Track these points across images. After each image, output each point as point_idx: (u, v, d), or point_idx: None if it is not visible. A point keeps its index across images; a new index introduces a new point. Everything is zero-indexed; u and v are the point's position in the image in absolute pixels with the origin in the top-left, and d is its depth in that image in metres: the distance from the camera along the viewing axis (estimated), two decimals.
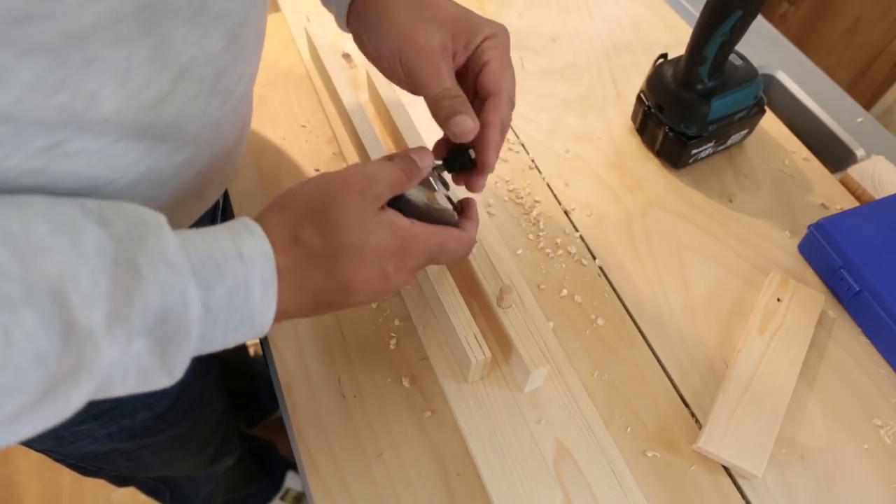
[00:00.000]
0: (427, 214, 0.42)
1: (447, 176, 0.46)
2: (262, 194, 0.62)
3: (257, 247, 0.33)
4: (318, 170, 0.64)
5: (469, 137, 0.42)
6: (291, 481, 1.19)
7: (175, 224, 0.46)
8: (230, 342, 0.34)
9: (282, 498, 1.18)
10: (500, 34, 0.44)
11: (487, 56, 0.43)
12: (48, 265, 0.26)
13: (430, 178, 0.44)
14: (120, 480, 0.79)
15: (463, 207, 0.46)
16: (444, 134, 0.44)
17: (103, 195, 0.35)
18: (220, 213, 0.62)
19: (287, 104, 0.70)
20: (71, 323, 0.26)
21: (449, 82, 0.42)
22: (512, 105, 0.45)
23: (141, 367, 0.30)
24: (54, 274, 0.26)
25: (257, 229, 0.34)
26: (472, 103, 0.44)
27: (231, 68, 0.38)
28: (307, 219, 0.36)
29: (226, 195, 0.63)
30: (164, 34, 0.32)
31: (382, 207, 0.38)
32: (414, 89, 0.45)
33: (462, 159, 0.44)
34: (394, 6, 0.44)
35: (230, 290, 0.32)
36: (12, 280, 0.25)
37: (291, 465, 1.20)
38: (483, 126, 0.43)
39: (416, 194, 0.42)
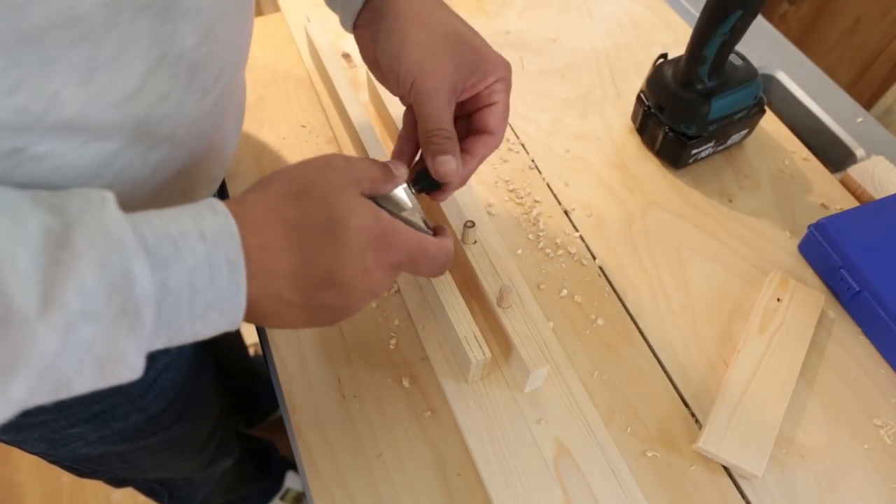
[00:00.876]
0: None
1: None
2: None
3: (220, 225, 0.31)
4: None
5: (449, 179, 0.43)
6: (291, 481, 1.19)
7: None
8: (200, 332, 0.31)
9: (282, 498, 1.18)
10: (508, 76, 0.45)
11: (495, 98, 0.44)
12: None
13: (404, 195, 0.43)
14: (116, 482, 0.79)
15: (435, 231, 0.44)
16: (421, 157, 0.44)
17: None
18: None
19: (287, 104, 0.70)
20: (7, 308, 0.25)
21: (446, 123, 0.42)
22: (503, 135, 0.46)
23: (95, 356, 0.28)
24: None
25: (221, 207, 0.32)
26: (460, 130, 0.45)
27: (206, 64, 0.37)
28: (286, 195, 0.34)
29: (224, 195, 0.63)
30: (130, 31, 0.31)
31: (363, 195, 0.37)
32: (410, 109, 0.45)
33: (431, 181, 0.44)
34: (410, 25, 0.42)
35: (191, 270, 0.29)
36: None
37: (291, 465, 1.20)
38: (466, 155, 0.44)
39: (391, 205, 0.41)
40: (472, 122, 0.46)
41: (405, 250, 0.38)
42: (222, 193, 0.64)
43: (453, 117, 0.43)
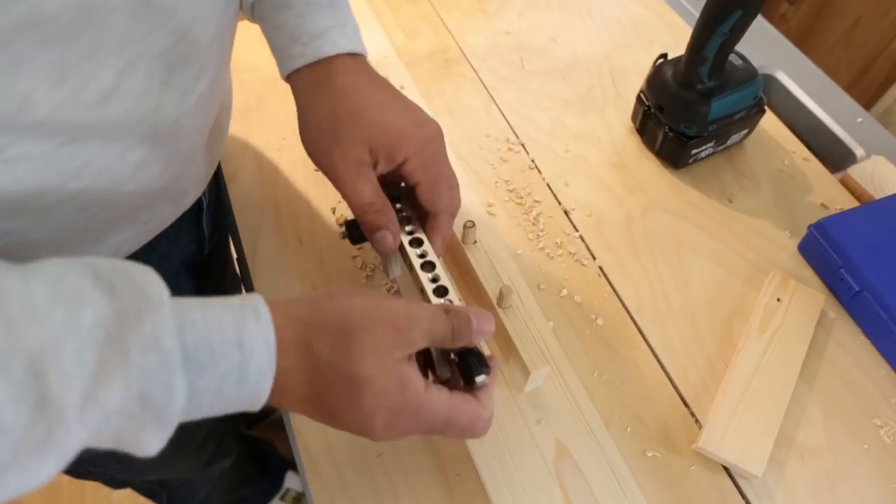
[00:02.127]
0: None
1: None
2: (261, 194, 0.62)
3: (259, 333, 0.31)
4: (317, 170, 0.64)
5: (390, 253, 0.43)
6: (291, 481, 1.19)
7: (150, 226, 0.45)
8: (215, 415, 0.32)
9: (281, 498, 1.18)
10: (422, 151, 0.43)
11: (415, 178, 0.43)
12: (33, 336, 0.24)
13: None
14: (114, 483, 0.79)
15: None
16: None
17: (53, 200, 0.34)
18: (206, 212, 0.62)
19: (287, 105, 0.69)
20: (45, 397, 0.24)
21: (367, 197, 0.42)
22: (455, 212, 0.45)
23: (117, 439, 0.28)
24: (37, 345, 0.24)
25: (265, 314, 0.31)
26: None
27: (185, 65, 0.36)
28: (330, 332, 0.33)
29: (225, 195, 0.63)
30: (103, 32, 0.30)
31: (410, 357, 0.35)
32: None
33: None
34: (320, 103, 0.43)
35: (221, 377, 0.30)
36: None
37: (291, 465, 1.20)
38: (431, 235, 0.45)
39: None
40: (419, 203, 0.45)
41: (424, 425, 0.35)
42: (219, 194, 0.65)
43: (383, 188, 0.43)
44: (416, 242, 0.44)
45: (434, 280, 0.42)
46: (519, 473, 0.46)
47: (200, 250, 0.64)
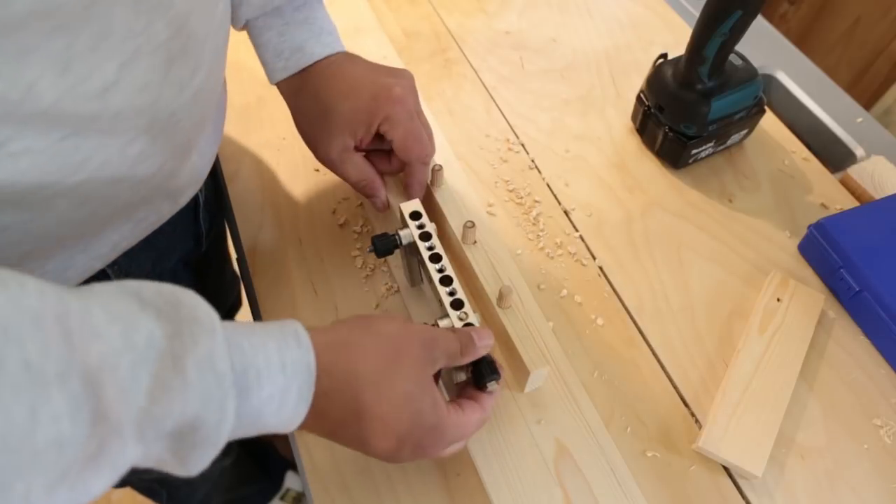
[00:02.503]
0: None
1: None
2: (261, 194, 0.62)
3: (301, 358, 0.33)
4: (317, 170, 0.64)
5: (384, 208, 0.54)
6: (291, 481, 1.19)
7: (147, 222, 0.46)
8: (242, 437, 0.33)
9: (281, 498, 1.18)
10: (390, 115, 0.49)
11: (389, 136, 0.51)
12: (92, 351, 0.25)
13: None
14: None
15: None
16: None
17: (54, 193, 0.34)
18: (202, 209, 0.62)
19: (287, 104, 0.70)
20: (101, 412, 0.25)
21: (355, 176, 0.52)
22: (426, 160, 0.52)
23: (162, 459, 0.29)
24: (95, 360, 0.25)
25: (306, 340, 0.33)
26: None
27: (182, 58, 0.37)
28: (373, 357, 0.36)
29: (225, 194, 0.63)
30: (106, 22, 0.31)
31: (434, 376, 0.39)
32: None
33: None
34: (300, 109, 0.53)
35: (265, 400, 0.31)
36: (52, 360, 0.24)
37: (291, 465, 1.20)
38: (405, 186, 0.54)
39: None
40: (396, 156, 0.53)
41: (446, 444, 0.39)
42: (217, 192, 0.65)
43: (371, 153, 0.53)
44: (436, 258, 0.47)
45: (451, 294, 0.46)
46: (519, 473, 0.46)
47: (198, 247, 0.64)
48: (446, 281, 0.46)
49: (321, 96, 0.50)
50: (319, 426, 0.36)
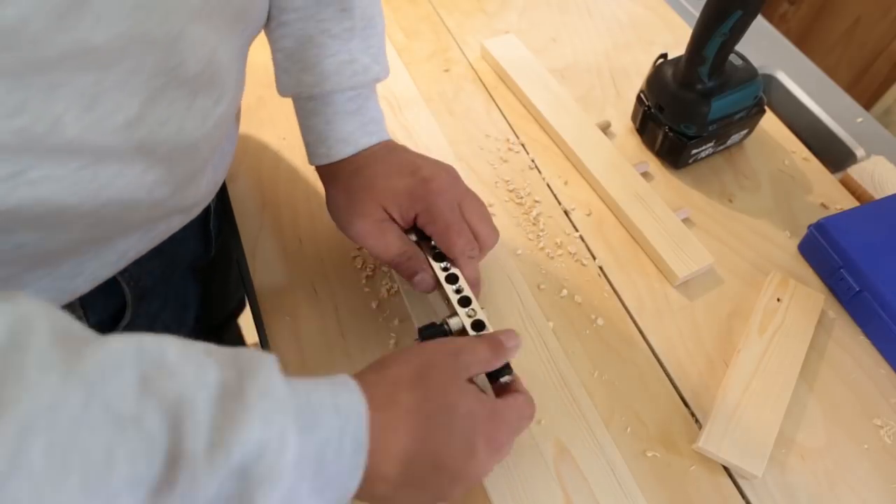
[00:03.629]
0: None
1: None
2: (262, 194, 0.62)
3: (353, 401, 0.32)
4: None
5: (431, 289, 0.47)
6: None
7: (158, 233, 0.46)
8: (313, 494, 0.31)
9: None
10: (430, 206, 0.47)
11: (429, 230, 0.47)
12: (171, 388, 0.26)
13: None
14: None
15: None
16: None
17: (73, 217, 0.34)
18: (213, 215, 0.62)
19: (287, 104, 0.69)
20: (177, 450, 0.25)
21: (396, 248, 0.47)
22: (471, 253, 0.47)
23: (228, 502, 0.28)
24: (175, 397, 0.26)
25: (354, 385, 0.33)
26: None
27: (207, 90, 0.38)
28: (406, 379, 0.36)
29: (225, 195, 0.63)
30: (138, 61, 0.31)
31: (470, 380, 0.39)
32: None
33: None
34: (336, 187, 0.49)
35: (323, 442, 0.30)
36: (128, 401, 0.25)
37: None
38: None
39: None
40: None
41: (512, 424, 0.39)
42: (224, 196, 0.65)
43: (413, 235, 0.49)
44: (452, 279, 0.47)
45: (458, 291, 0.46)
46: (519, 473, 0.46)
47: (207, 253, 0.64)
48: (452, 279, 0.46)
49: (362, 172, 0.48)
50: (386, 479, 0.34)
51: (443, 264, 0.47)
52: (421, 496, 0.37)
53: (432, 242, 0.48)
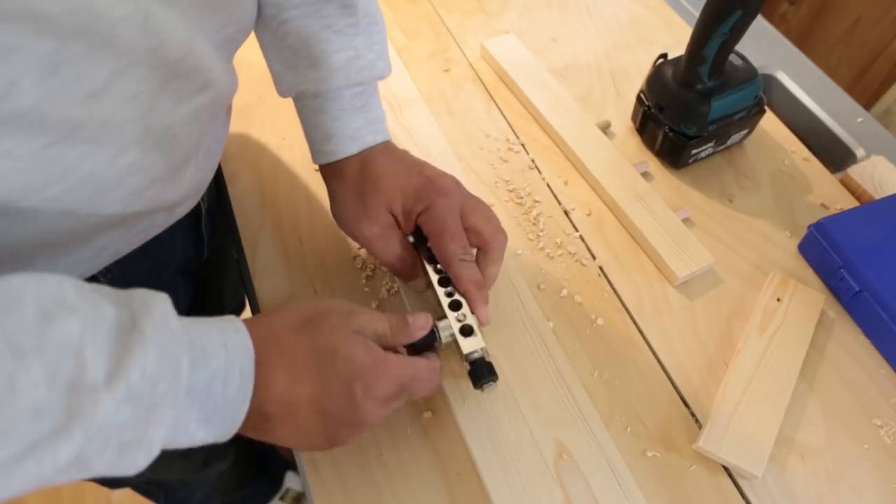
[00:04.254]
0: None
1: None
2: (261, 194, 0.62)
3: (240, 340, 0.35)
4: (317, 170, 0.64)
5: (424, 291, 0.51)
6: (291, 481, 1.19)
7: (139, 231, 0.46)
8: (198, 437, 0.34)
9: (281, 498, 1.18)
10: (433, 207, 0.47)
11: (426, 229, 0.48)
12: (72, 321, 0.27)
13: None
14: (110, 483, 0.79)
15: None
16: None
17: (36, 202, 0.34)
18: (205, 216, 0.61)
19: (287, 104, 0.69)
20: (78, 378, 0.27)
21: (397, 253, 0.49)
22: (464, 257, 0.46)
23: (121, 439, 0.29)
24: (75, 329, 0.27)
25: (241, 327, 0.35)
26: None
27: (186, 77, 0.37)
28: (289, 325, 0.38)
29: (225, 195, 0.63)
30: (105, 38, 0.31)
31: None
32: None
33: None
34: (342, 186, 0.50)
35: (211, 375, 0.32)
36: (30, 333, 0.26)
37: (291, 466, 1.20)
38: (456, 282, 0.47)
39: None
40: None
41: (395, 381, 0.39)
42: (220, 197, 0.65)
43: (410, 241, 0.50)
44: (445, 282, 0.47)
45: (449, 294, 0.46)
46: (519, 473, 0.46)
47: (199, 254, 0.63)
48: (445, 282, 0.46)
49: (368, 171, 0.49)
50: (267, 416, 0.36)
51: (437, 266, 0.47)
52: (308, 436, 0.38)
53: (426, 245, 0.48)
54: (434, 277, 0.46)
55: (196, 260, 0.63)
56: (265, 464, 1.15)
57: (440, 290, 0.46)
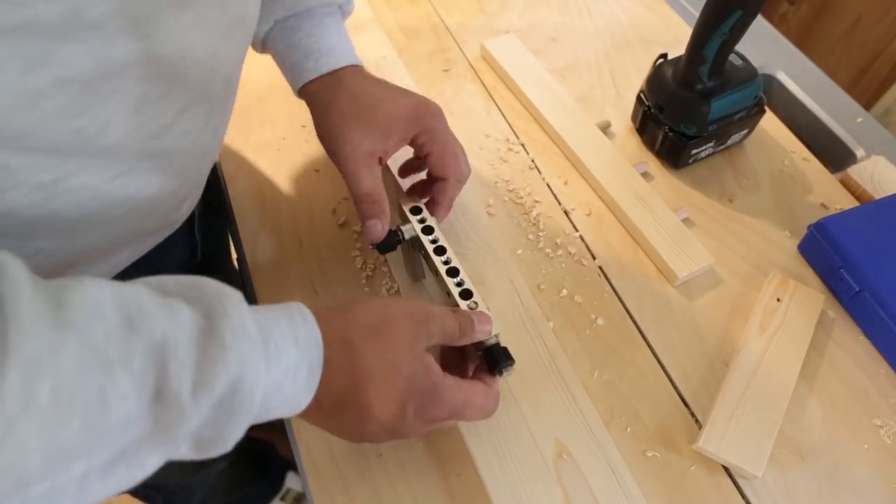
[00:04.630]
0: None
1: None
2: (262, 194, 0.62)
3: (311, 334, 0.34)
4: (317, 170, 0.64)
5: (377, 240, 0.48)
6: (291, 482, 1.19)
7: (146, 245, 0.49)
8: (262, 419, 0.34)
9: (282, 498, 1.18)
10: (429, 127, 0.49)
11: (426, 150, 0.50)
12: (155, 330, 0.28)
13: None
14: None
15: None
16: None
17: (97, 224, 0.37)
18: (197, 221, 0.62)
19: (287, 104, 0.70)
20: (162, 388, 0.27)
21: (367, 186, 0.48)
22: (462, 178, 0.51)
23: (200, 439, 0.30)
24: (159, 337, 0.27)
25: (310, 318, 0.35)
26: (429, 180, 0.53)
27: (222, 106, 0.41)
28: (363, 327, 0.38)
29: (225, 196, 0.63)
30: (181, 77, 0.34)
31: (429, 349, 0.40)
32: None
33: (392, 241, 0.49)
34: (333, 105, 0.50)
35: (283, 371, 0.33)
36: (115, 344, 0.26)
37: (291, 466, 1.20)
38: (431, 203, 0.51)
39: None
40: (429, 171, 0.52)
41: (448, 407, 0.39)
42: (215, 199, 0.65)
43: (383, 177, 0.50)
44: (440, 250, 0.48)
45: (459, 284, 0.46)
46: (519, 473, 0.46)
47: (193, 257, 0.64)
48: (453, 272, 0.47)
49: (360, 95, 0.49)
50: (321, 407, 0.36)
51: (443, 258, 0.47)
52: (345, 432, 0.39)
53: (431, 237, 0.48)
54: (442, 269, 0.47)
55: (191, 262, 0.64)
56: (265, 464, 1.15)
57: (450, 281, 0.46)
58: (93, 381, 0.25)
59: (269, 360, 0.32)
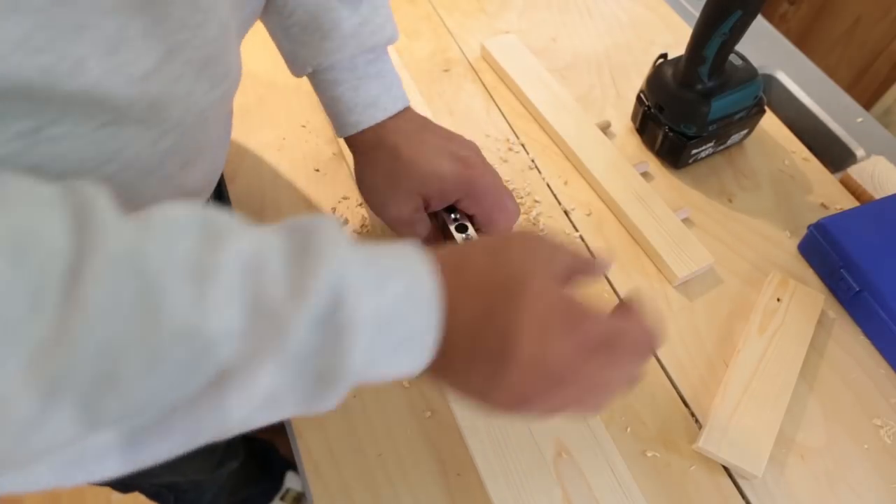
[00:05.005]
0: None
1: None
2: (261, 194, 0.62)
3: (423, 262, 0.31)
4: (317, 170, 0.64)
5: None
6: (291, 481, 1.19)
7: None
8: (391, 371, 0.31)
9: (281, 498, 1.18)
10: (472, 191, 0.48)
11: (471, 211, 0.49)
12: (242, 242, 0.26)
13: None
14: (123, 487, 0.79)
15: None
16: None
17: (90, 180, 0.35)
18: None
19: (287, 104, 0.70)
20: (260, 299, 0.25)
21: (424, 234, 0.50)
22: (511, 226, 0.50)
23: (315, 369, 0.27)
24: (248, 252, 0.26)
25: (421, 247, 0.32)
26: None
27: (217, 59, 0.38)
28: (483, 248, 0.35)
29: (225, 196, 0.63)
30: (162, 12, 0.32)
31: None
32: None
33: None
34: (377, 164, 0.50)
35: (397, 296, 0.29)
36: (201, 254, 0.25)
37: (291, 466, 1.20)
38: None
39: None
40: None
41: (599, 329, 0.34)
42: (219, 195, 0.65)
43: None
44: (462, 228, 0.48)
45: None
46: (519, 473, 0.46)
47: None
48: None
49: (401, 154, 0.49)
50: (455, 346, 0.32)
51: (464, 235, 0.48)
52: (490, 383, 0.32)
53: (454, 216, 0.49)
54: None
55: None
56: (268, 464, 1.16)
57: None
58: (187, 292, 0.24)
59: (380, 282, 0.29)
